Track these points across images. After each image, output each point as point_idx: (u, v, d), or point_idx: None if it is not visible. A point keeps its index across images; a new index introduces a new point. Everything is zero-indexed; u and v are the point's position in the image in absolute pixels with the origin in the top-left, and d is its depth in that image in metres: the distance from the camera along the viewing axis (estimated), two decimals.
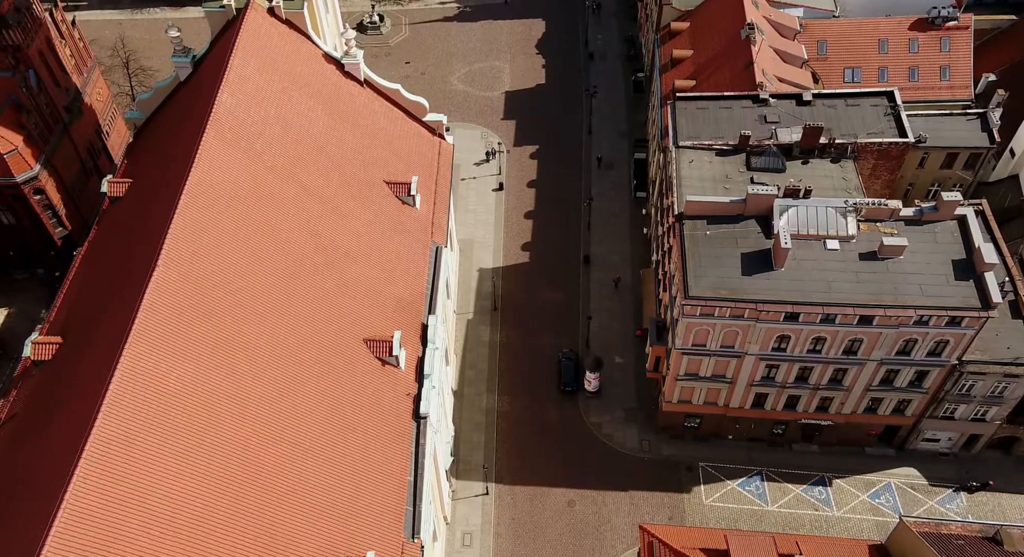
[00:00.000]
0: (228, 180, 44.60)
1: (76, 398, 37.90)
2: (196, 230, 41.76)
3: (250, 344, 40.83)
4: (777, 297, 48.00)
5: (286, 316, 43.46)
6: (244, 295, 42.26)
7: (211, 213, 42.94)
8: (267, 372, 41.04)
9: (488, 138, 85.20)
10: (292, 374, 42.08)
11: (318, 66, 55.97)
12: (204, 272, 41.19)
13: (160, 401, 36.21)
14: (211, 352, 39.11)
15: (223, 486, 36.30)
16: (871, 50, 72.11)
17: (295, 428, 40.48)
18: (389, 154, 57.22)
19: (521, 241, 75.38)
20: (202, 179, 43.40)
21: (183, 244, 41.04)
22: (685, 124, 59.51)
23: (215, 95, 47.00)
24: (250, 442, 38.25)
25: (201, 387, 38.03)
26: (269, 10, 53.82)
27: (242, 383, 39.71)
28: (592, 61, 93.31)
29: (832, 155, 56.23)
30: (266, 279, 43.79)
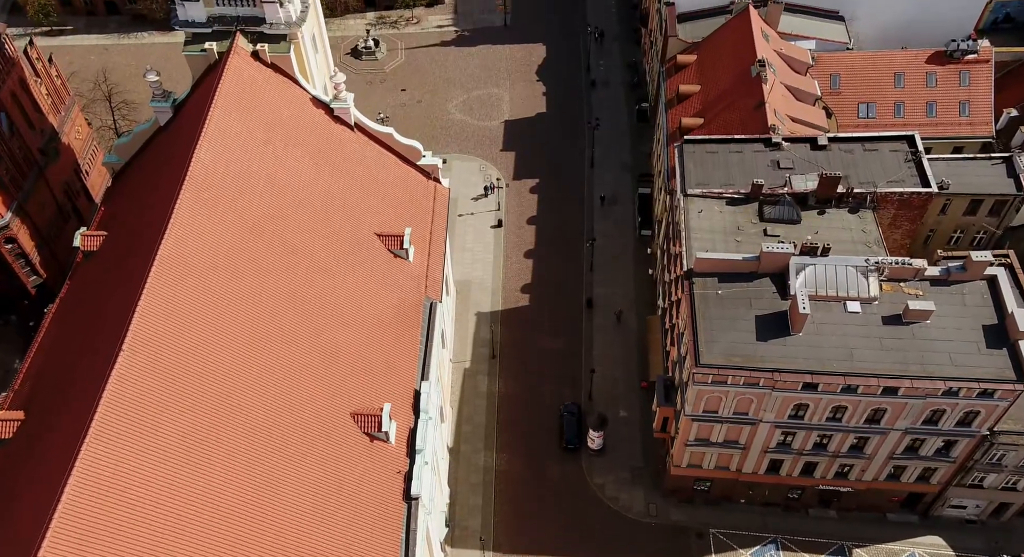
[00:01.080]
0: (203, 247, 41.39)
1: (30, 493, 34.71)
2: (166, 308, 38.49)
3: (223, 432, 37.53)
4: (795, 366, 44.78)
5: (265, 396, 40.21)
6: (218, 376, 39.00)
7: (183, 287, 39.68)
8: (243, 463, 37.72)
9: (487, 171, 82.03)
10: (271, 462, 38.79)
11: (305, 111, 52.84)
12: (173, 354, 37.91)
13: (119, 509, 32.82)
14: (178, 445, 35.78)
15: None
16: (886, 84, 68.97)
17: (274, 524, 37.15)
18: (381, 203, 54.07)
19: (521, 282, 72.12)
20: (175, 249, 40.17)
21: (151, 323, 37.75)
22: (694, 169, 56.33)
23: (192, 151, 43.81)
24: (224, 546, 34.95)
25: (167, 489, 34.61)
26: (253, 54, 50.71)
27: (214, 478, 36.39)
28: (594, 88, 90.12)
29: (850, 205, 53.03)
30: (244, 355, 40.54)
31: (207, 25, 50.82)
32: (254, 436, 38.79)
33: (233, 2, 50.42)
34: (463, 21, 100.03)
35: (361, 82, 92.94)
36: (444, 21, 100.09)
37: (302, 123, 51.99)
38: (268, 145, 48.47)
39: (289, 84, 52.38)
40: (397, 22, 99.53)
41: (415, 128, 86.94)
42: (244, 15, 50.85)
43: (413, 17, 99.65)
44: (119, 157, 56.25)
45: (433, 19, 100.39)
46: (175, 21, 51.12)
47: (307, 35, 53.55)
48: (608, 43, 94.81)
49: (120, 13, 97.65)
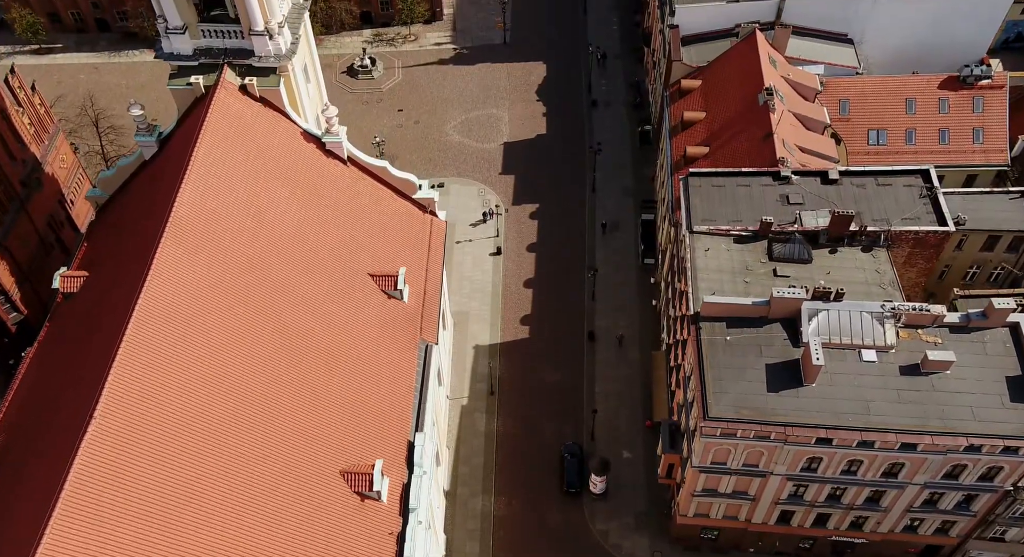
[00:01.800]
0: (186, 295, 39.24)
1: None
2: (145, 360, 36.31)
3: (204, 492, 35.33)
4: (808, 419, 42.60)
5: (250, 453, 38.01)
6: (198, 431, 36.78)
7: (163, 340, 37.46)
8: (224, 525, 35.50)
9: (485, 196, 79.90)
10: (255, 523, 36.59)
11: (296, 146, 50.72)
12: (152, 407, 35.75)
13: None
14: (157, 505, 33.64)
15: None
16: (897, 110, 66.88)
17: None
18: (375, 241, 51.93)
19: (520, 313, 69.94)
20: (155, 299, 37.99)
21: (130, 377, 35.55)
22: (699, 204, 54.20)
23: (175, 193, 41.65)
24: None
25: (144, 552, 32.60)
26: (241, 87, 48.58)
27: (194, 541, 34.17)
28: (595, 108, 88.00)
29: (863, 243, 50.92)
30: (226, 409, 38.34)
31: (193, 58, 48.73)
32: (237, 495, 36.59)
33: (220, 34, 48.32)
34: (461, 38, 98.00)
35: (357, 102, 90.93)
36: (442, 38, 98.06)
37: (292, 159, 49.86)
38: (256, 184, 46.32)
39: (279, 118, 50.24)
40: (394, 39, 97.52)
41: (412, 150, 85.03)
42: (232, 47, 48.73)
43: (411, 34, 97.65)
44: (103, 191, 54.11)
45: (431, 36, 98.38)
46: (159, 54, 49.02)
47: (298, 66, 51.45)
48: (610, 61, 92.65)
49: (111, 31, 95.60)
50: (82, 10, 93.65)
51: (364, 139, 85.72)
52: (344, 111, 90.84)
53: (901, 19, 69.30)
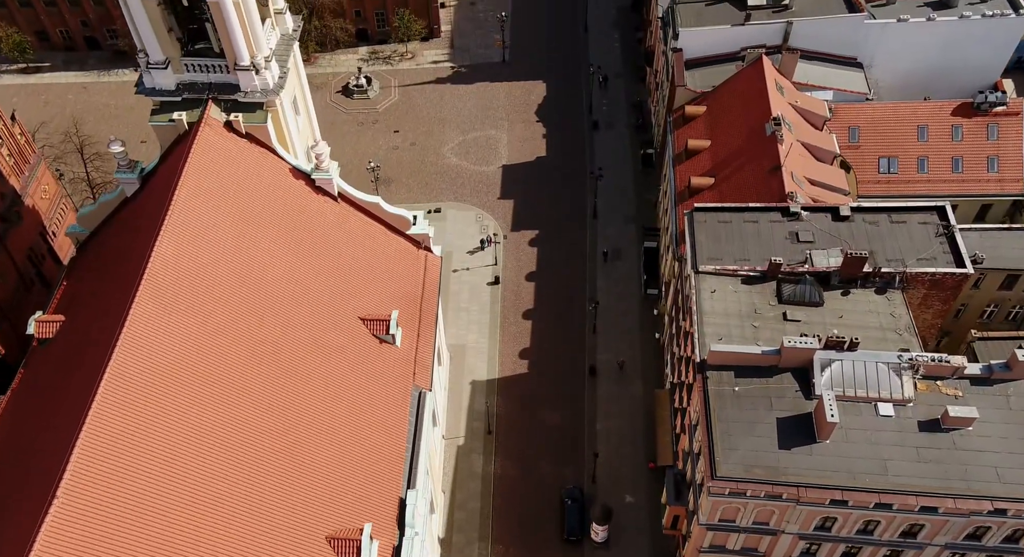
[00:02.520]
0: (160, 359, 36.91)
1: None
2: (113, 435, 33.87)
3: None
4: (822, 479, 40.28)
5: (227, 523, 35.67)
6: (173, 504, 34.43)
7: (135, 405, 35.13)
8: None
9: (483, 221, 77.71)
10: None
11: (284, 184, 48.54)
12: (121, 483, 33.36)
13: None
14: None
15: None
16: (909, 137, 64.65)
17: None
18: (366, 282, 49.72)
19: (519, 347, 67.66)
20: (126, 364, 35.62)
21: (96, 453, 33.25)
22: (705, 241, 51.96)
23: (152, 244, 39.40)
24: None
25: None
26: (226, 124, 46.42)
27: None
28: (596, 130, 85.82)
29: (877, 285, 48.71)
30: (204, 478, 36.00)
31: (176, 93, 46.54)
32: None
33: (205, 68, 46.21)
34: (460, 56, 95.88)
35: (352, 123, 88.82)
36: (440, 56, 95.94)
37: (280, 198, 47.67)
38: (240, 228, 44.11)
39: (266, 155, 48.06)
40: (391, 57, 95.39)
41: (408, 174, 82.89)
42: (217, 82, 46.59)
43: (408, 52, 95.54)
44: (83, 227, 51.94)
45: (428, 54, 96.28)
46: (141, 89, 46.85)
47: (287, 100, 49.29)
48: (611, 80, 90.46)
49: (100, 49, 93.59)
50: (71, 28, 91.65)
51: (359, 162, 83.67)
52: (339, 132, 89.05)
53: (912, 43, 67.18)
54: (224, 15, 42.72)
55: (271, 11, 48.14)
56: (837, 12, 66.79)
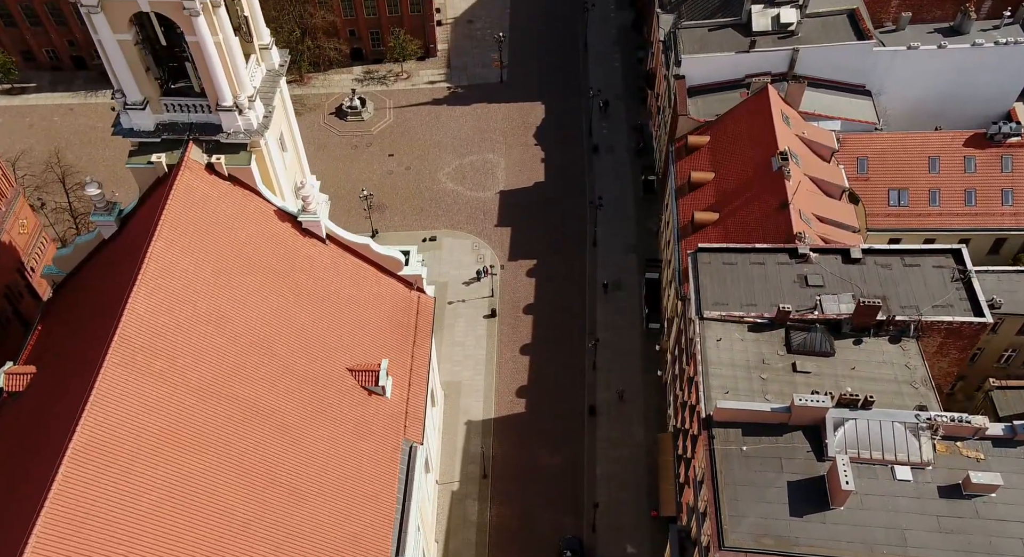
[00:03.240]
0: (130, 426, 34.59)
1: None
2: (77, 515, 31.66)
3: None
4: (836, 549, 37.80)
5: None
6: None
7: (101, 480, 32.84)
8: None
9: (480, 250, 75.50)
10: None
11: (269, 228, 46.33)
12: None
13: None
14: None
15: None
16: (919, 169, 62.51)
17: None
18: (355, 330, 47.47)
19: (516, 383, 65.38)
20: (96, 431, 33.41)
21: (62, 521, 31.09)
22: (709, 285, 49.74)
23: (127, 298, 37.20)
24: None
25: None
26: (208, 166, 44.23)
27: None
28: (596, 154, 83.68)
29: (891, 334, 46.51)
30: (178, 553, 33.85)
31: (155, 134, 44.36)
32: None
33: (185, 108, 44.02)
34: (456, 76, 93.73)
35: (346, 146, 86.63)
36: (436, 76, 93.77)
37: (264, 243, 45.44)
38: (221, 277, 41.89)
39: (249, 197, 45.84)
40: (386, 77, 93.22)
41: (403, 199, 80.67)
42: (198, 122, 44.41)
43: (403, 72, 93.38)
44: (59, 269, 49.70)
45: (424, 74, 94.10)
46: (118, 130, 44.70)
47: (272, 139, 47.11)
48: (611, 101, 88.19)
49: (88, 68, 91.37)
50: (57, 48, 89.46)
51: (352, 188, 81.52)
52: (332, 156, 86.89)
53: (922, 71, 64.98)
54: (204, 55, 40.56)
55: (256, 47, 46.00)
56: (845, 39, 64.65)
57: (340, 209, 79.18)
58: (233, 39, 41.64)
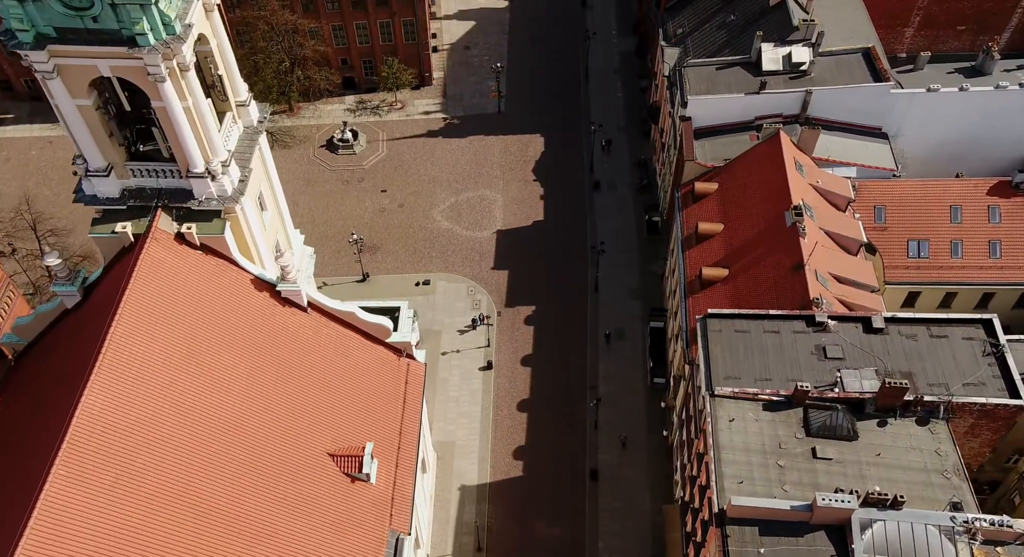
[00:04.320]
0: (77, 538, 31.12)
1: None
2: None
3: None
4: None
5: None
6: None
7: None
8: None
9: (475, 295, 71.96)
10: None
11: (245, 298, 42.81)
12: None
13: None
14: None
15: None
16: (941, 218, 59.06)
17: None
18: (338, 407, 43.92)
19: (513, 444, 61.79)
20: (39, 541, 29.98)
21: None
22: (720, 356, 46.22)
23: (79, 396, 33.66)
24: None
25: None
26: (178, 235, 40.77)
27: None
28: (598, 191, 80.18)
29: (918, 415, 43.04)
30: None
31: (121, 201, 40.82)
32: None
33: (153, 173, 40.56)
34: (452, 107, 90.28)
35: (337, 181, 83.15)
36: (431, 106, 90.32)
37: (239, 317, 41.93)
38: (189, 360, 38.34)
39: (224, 267, 42.30)
40: (379, 107, 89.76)
41: (395, 239, 77.15)
42: (168, 187, 40.90)
43: (397, 101, 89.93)
44: (20, 338, 46.09)
45: (419, 103, 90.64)
46: (80, 197, 41.01)
47: (250, 201, 43.61)
48: (613, 133, 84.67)
49: None
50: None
51: (344, 226, 78.09)
52: (322, 192, 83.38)
53: (942, 115, 61.50)
54: (172, 122, 37.12)
55: (232, 104, 42.57)
56: (860, 80, 61.25)
57: (330, 250, 75.81)
58: (204, 103, 38.18)
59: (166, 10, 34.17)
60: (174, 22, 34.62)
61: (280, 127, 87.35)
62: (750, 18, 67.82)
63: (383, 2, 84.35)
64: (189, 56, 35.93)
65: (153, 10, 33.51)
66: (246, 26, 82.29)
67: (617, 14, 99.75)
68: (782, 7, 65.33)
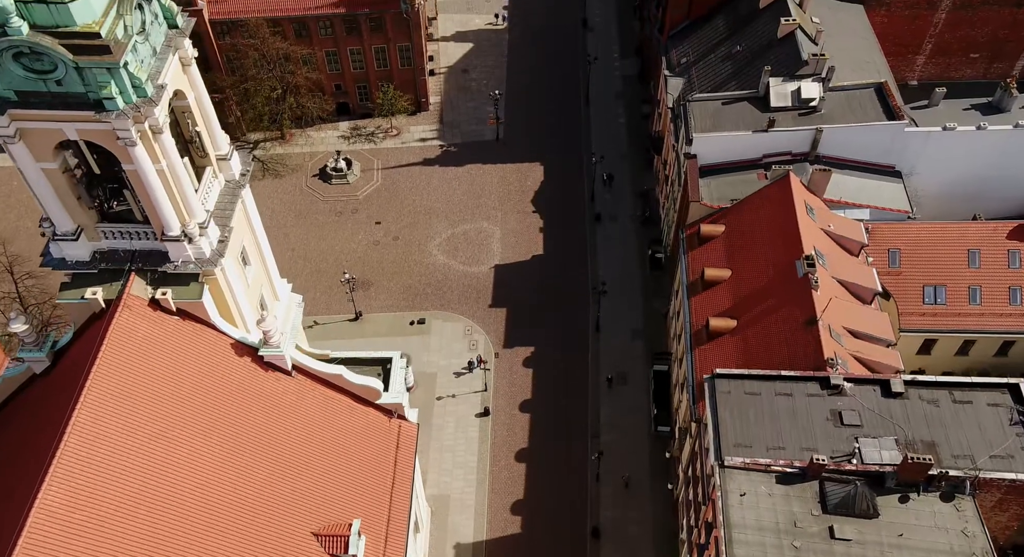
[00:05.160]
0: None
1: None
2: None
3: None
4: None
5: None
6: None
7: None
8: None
9: (472, 335, 69.39)
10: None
11: (224, 365, 40.18)
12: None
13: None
14: None
15: None
16: (958, 263, 56.52)
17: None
18: (323, 480, 41.27)
19: (511, 498, 59.11)
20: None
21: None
22: (730, 421, 43.61)
23: (39, 488, 31.12)
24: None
25: None
26: (152, 301, 38.23)
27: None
28: (599, 223, 77.68)
29: (943, 490, 40.47)
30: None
31: (92, 264, 38.29)
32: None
33: (126, 235, 38.03)
34: (449, 133, 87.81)
35: (330, 212, 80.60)
36: (428, 133, 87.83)
37: (218, 385, 39.34)
38: (161, 439, 35.68)
39: (202, 332, 39.71)
40: (374, 134, 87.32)
41: (389, 275, 74.59)
42: (142, 249, 38.32)
43: (392, 128, 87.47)
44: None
45: (415, 130, 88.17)
46: (48, 260, 38.42)
47: (231, 261, 41.04)
48: (615, 163, 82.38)
49: None
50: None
51: (336, 260, 75.62)
52: (314, 224, 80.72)
53: (958, 153, 59.00)
54: (145, 185, 34.59)
55: (212, 159, 40.04)
56: (873, 117, 58.70)
57: (322, 286, 73.29)
58: (179, 164, 35.64)
59: (136, 72, 31.65)
60: (145, 84, 32.08)
61: (272, 155, 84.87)
62: (757, 50, 65.33)
63: (378, 28, 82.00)
64: (162, 118, 33.36)
65: (122, 73, 30.99)
66: (236, 53, 79.89)
67: (619, 35, 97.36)
68: (790, 39, 62.83)
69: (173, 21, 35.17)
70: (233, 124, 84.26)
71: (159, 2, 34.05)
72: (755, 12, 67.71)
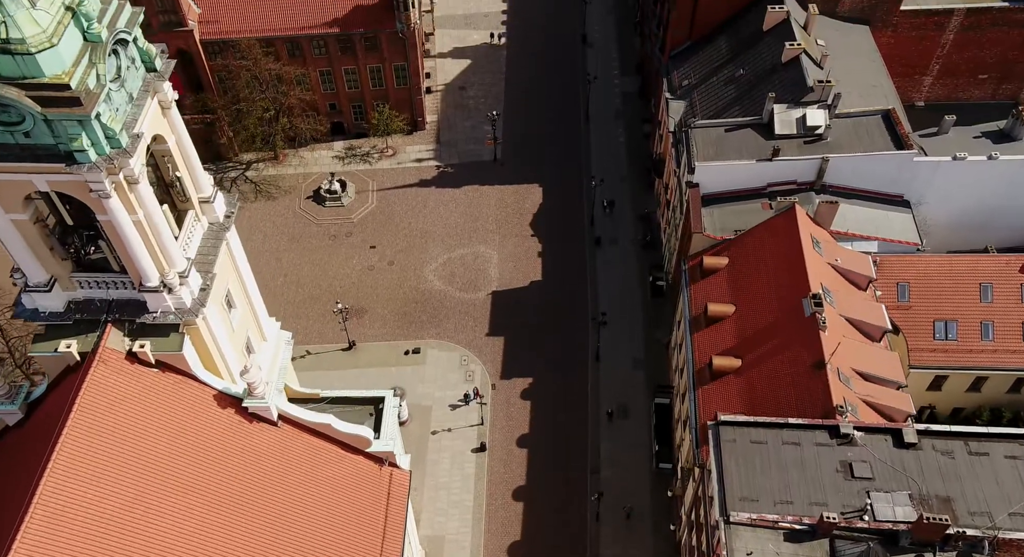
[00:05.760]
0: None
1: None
2: None
3: None
4: None
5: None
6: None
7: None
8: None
9: (469, 365, 67.61)
10: None
11: (207, 418, 38.33)
12: None
13: None
14: None
15: None
16: (969, 297, 54.76)
17: None
18: (310, 536, 39.47)
19: (508, 539, 57.33)
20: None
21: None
22: (735, 471, 41.84)
23: (12, 546, 29.41)
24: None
25: None
26: (130, 353, 36.47)
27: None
28: (599, 247, 75.96)
29: (960, 550, 38.74)
30: None
31: (66, 315, 36.55)
32: None
33: (102, 284, 36.30)
34: (446, 153, 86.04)
35: (323, 236, 78.83)
36: (424, 153, 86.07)
37: (199, 440, 37.53)
38: (137, 504, 33.81)
39: (183, 383, 37.88)
40: (369, 154, 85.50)
41: (384, 302, 72.82)
42: (119, 299, 36.59)
43: (388, 148, 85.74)
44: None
45: (411, 150, 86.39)
46: (19, 311, 36.73)
47: (215, 307, 39.33)
48: (615, 186, 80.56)
49: None
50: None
51: (329, 286, 73.86)
52: (307, 248, 78.86)
53: (969, 183, 57.34)
54: (121, 236, 32.85)
55: (195, 202, 38.30)
56: (881, 146, 57.06)
57: (315, 314, 71.53)
58: (158, 213, 33.89)
59: (110, 123, 29.88)
60: (119, 134, 30.28)
61: (264, 176, 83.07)
62: (761, 73, 63.69)
63: (373, 47, 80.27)
64: (138, 169, 31.60)
65: (94, 124, 29.21)
66: (228, 73, 78.17)
67: (619, 51, 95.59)
68: (795, 64, 61.14)
69: (152, 64, 33.38)
70: (225, 145, 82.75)
71: (136, 46, 32.35)
72: (759, 34, 66.07)
